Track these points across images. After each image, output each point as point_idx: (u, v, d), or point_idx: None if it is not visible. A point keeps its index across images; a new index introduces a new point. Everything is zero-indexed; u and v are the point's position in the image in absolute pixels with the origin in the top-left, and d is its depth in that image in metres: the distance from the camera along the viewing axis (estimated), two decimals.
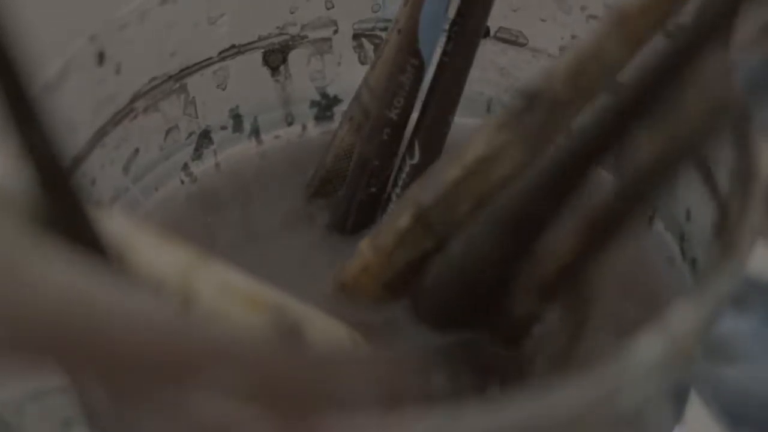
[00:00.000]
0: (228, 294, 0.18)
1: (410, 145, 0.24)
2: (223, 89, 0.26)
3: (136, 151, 0.24)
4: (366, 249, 0.22)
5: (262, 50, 0.26)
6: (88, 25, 0.23)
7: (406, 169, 0.24)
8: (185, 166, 0.26)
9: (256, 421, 0.15)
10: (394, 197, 0.24)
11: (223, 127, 0.26)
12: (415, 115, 0.24)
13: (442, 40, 0.24)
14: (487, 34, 0.26)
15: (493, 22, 0.24)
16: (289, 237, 0.25)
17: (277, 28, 0.26)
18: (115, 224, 0.17)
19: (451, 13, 0.23)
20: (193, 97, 0.25)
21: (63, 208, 0.14)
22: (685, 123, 0.17)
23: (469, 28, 0.23)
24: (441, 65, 0.24)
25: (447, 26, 0.23)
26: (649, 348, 0.16)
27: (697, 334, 0.17)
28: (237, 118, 0.26)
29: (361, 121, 0.25)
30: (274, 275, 0.20)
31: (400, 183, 0.24)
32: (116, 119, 0.24)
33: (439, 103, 0.24)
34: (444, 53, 0.24)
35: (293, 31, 0.26)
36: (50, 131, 0.14)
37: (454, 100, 0.24)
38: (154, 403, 0.15)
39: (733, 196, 0.20)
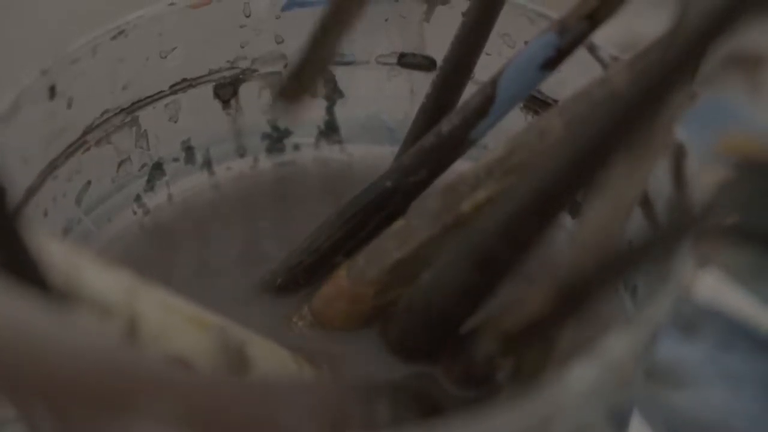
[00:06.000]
0: (171, 314, 0.18)
1: None
2: (175, 122, 0.26)
3: (89, 183, 0.25)
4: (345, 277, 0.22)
5: (213, 84, 0.26)
6: (40, 58, 0.23)
7: None
8: (138, 198, 0.26)
9: None
10: None
11: (176, 159, 0.27)
12: None
13: None
14: (433, 66, 0.26)
15: (439, 55, 0.24)
16: (241, 267, 0.25)
17: (228, 62, 0.26)
18: (57, 251, 0.17)
19: None
20: (145, 130, 0.26)
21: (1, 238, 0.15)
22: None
23: (456, 65, 0.24)
24: (426, 99, 0.24)
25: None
26: (583, 374, 0.16)
27: (633, 360, 0.18)
28: (189, 150, 0.27)
29: None
30: (226, 306, 0.20)
31: None
32: (68, 152, 0.24)
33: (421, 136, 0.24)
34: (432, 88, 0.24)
35: (244, 64, 0.26)
36: None
37: None
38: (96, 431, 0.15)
39: (671, 225, 0.20)
